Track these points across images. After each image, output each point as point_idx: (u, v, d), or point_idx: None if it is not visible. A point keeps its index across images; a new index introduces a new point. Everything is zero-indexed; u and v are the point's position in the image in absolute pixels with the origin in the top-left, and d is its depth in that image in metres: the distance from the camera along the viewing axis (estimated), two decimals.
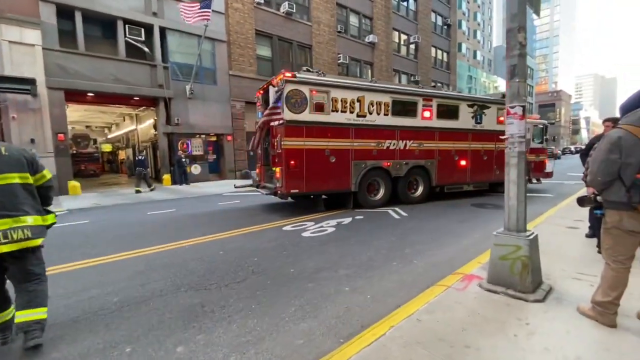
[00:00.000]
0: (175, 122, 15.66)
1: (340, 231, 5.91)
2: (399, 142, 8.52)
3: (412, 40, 28.77)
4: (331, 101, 7.48)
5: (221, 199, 10.81)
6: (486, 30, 58.62)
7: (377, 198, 8.50)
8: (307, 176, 7.30)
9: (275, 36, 19.14)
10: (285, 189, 7.16)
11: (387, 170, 8.42)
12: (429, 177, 9.16)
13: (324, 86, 7.40)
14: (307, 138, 7.27)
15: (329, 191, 7.90)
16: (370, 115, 8.05)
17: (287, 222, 6.72)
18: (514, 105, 2.99)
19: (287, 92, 6.93)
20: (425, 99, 8.83)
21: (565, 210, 7.25)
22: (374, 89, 8.11)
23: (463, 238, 5.45)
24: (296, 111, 7.09)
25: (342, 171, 7.75)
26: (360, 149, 7.98)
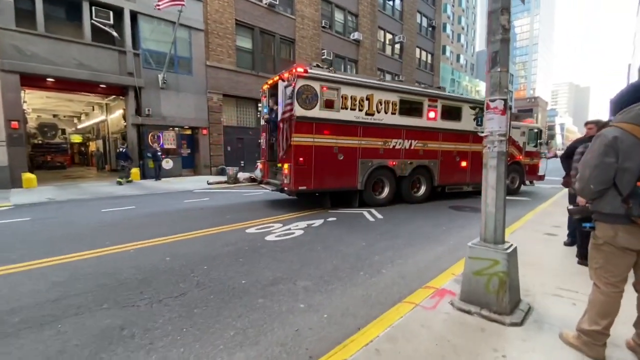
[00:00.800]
0: (146, 113, 14.75)
1: (308, 235, 5.44)
2: (405, 141, 8.53)
3: (397, 40, 28.62)
4: (341, 98, 7.40)
5: (190, 196, 10.13)
6: (470, 34, 59.54)
7: (382, 197, 8.47)
8: (315, 173, 7.21)
9: (257, 28, 18.43)
10: (294, 186, 7.03)
11: (393, 169, 8.41)
12: (432, 177, 9.24)
13: (334, 83, 7.31)
14: (316, 135, 7.18)
15: (335, 189, 7.78)
16: (378, 114, 8.00)
17: (252, 223, 6.19)
18: (494, 98, 2.60)
19: (298, 87, 6.79)
20: (431, 100, 8.85)
21: (542, 215, 7.07)
22: (383, 88, 8.06)
23: (437, 244, 5.10)
24: (307, 107, 6.98)
25: (349, 169, 7.69)
26: (368, 148, 7.93)
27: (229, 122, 18.02)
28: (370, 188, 8.18)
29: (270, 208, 7.92)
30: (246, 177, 14.52)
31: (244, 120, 18.69)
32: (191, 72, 16.07)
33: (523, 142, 11.54)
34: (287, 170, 7.16)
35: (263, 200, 9.32)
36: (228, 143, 17.84)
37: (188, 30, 15.82)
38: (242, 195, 10.37)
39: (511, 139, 11.18)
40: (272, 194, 10.54)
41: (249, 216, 6.83)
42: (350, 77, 8.02)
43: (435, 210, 8.09)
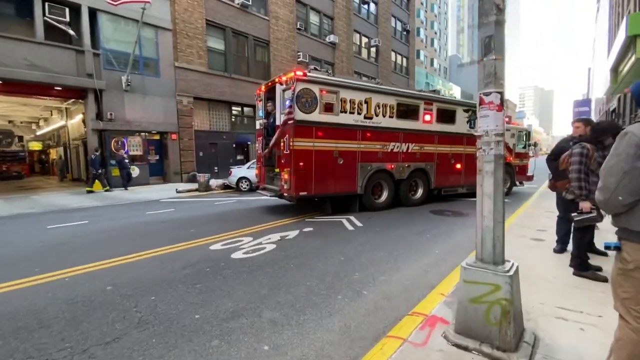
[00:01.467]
0: (108, 117, 13.69)
1: (281, 249, 4.89)
2: (402, 144, 8.55)
3: (372, 43, 28.69)
4: (340, 102, 7.33)
5: (155, 206, 9.31)
6: (442, 39, 61.14)
7: (381, 201, 8.45)
8: (316, 178, 7.12)
9: (229, 28, 17.74)
10: (294, 191, 6.88)
11: (391, 172, 8.41)
12: (429, 180, 9.31)
13: (333, 86, 7.24)
14: (316, 139, 7.08)
15: (336, 194, 7.66)
16: (377, 117, 7.97)
17: (219, 238, 5.57)
18: (489, 91, 2.19)
19: (298, 91, 6.67)
20: (427, 103, 8.91)
21: (525, 218, 6.87)
22: (381, 91, 8.06)
23: (422, 255, 4.69)
24: (306, 111, 6.87)
25: (349, 173, 7.64)
26: (367, 151, 7.90)
27: (201, 127, 17.16)
28: (369, 192, 8.11)
29: (241, 219, 7.30)
30: (219, 184, 13.75)
31: (216, 124, 17.88)
32: (158, 73, 15.15)
33: (513, 143, 11.80)
34: (286, 175, 6.97)
35: (235, 209, 8.67)
36: (200, 148, 16.97)
37: (154, 30, 14.92)
38: (212, 204, 9.65)
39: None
40: (245, 202, 9.90)
41: (217, 229, 6.19)
42: (349, 80, 7.92)
43: (416, 215, 7.75)
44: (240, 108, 18.93)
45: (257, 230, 6.14)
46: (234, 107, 18.60)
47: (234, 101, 18.11)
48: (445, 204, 9.44)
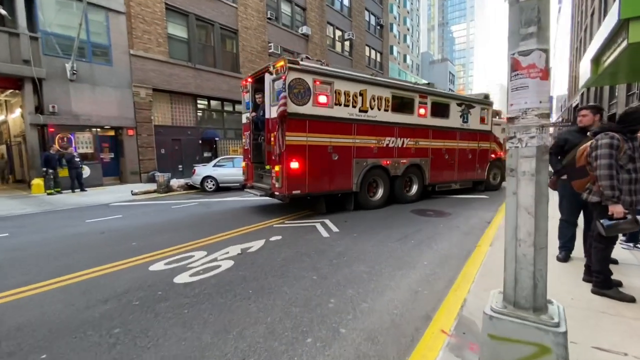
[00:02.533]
0: (51, 110, 12.02)
1: (239, 268, 3.99)
2: (398, 139, 8.22)
3: (346, 36, 28.02)
4: (334, 93, 6.89)
5: (100, 212, 8.05)
6: (415, 36, 61.69)
7: (377, 198, 8.10)
8: (310, 175, 6.69)
9: (193, 14, 16.33)
10: (287, 190, 6.41)
11: (387, 169, 8.07)
12: (423, 176, 9.01)
13: (327, 76, 6.78)
14: (310, 133, 6.62)
15: (330, 192, 7.18)
16: (372, 111, 7.59)
17: (164, 253, 4.57)
18: (528, 49, 1.43)
19: (290, 80, 6.17)
20: (421, 96, 8.62)
21: None
22: (376, 83, 7.68)
23: (408, 268, 3.97)
24: (299, 103, 6.38)
25: (344, 170, 7.24)
26: (362, 146, 7.51)
27: (163, 121, 15.71)
28: (365, 189, 7.74)
29: (199, 226, 6.30)
30: (181, 184, 12.50)
31: (180, 118, 16.45)
32: (110, 62, 13.56)
33: (504, 138, 11.78)
34: (278, 173, 6.45)
35: (194, 214, 7.62)
36: (162, 145, 15.53)
37: (104, 13, 13.32)
38: (169, 208, 8.52)
39: (493, 135, 11.06)
40: (208, 205, 8.84)
41: (165, 241, 5.17)
42: (343, 70, 7.40)
43: (396, 216, 7.08)
44: (207, 101, 17.60)
45: (214, 241, 5.18)
46: (200, 100, 17.23)
47: (199, 94, 16.75)
48: (427, 201, 8.88)
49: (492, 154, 11.14)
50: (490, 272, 3.54)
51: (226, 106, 18.39)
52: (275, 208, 7.99)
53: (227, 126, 18.42)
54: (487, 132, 10.80)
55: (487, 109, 10.70)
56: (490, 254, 4.19)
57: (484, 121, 10.63)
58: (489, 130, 10.88)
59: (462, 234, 5.61)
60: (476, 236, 5.44)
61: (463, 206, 8.27)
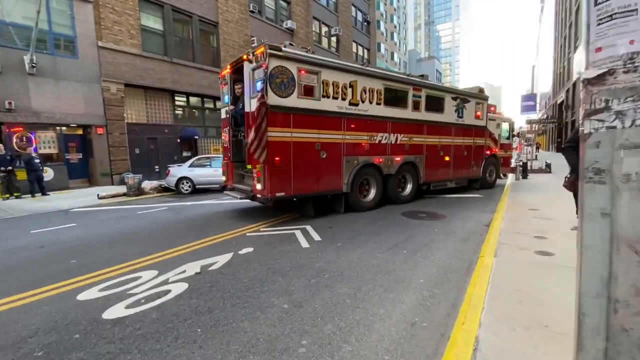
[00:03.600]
0: (6, 107, 10.90)
1: (192, 294, 3.21)
2: (391, 135, 7.65)
3: (333, 32, 27.34)
4: (322, 84, 6.23)
5: (53, 220, 7.11)
6: (402, 33, 61.44)
7: (369, 199, 7.48)
8: (295, 175, 6.02)
9: (168, 5, 15.31)
10: (269, 192, 5.72)
11: (379, 167, 7.47)
12: (418, 175, 8.47)
13: (314, 65, 6.11)
14: (294, 128, 5.97)
15: (318, 193, 6.50)
16: (363, 104, 6.97)
17: (104, 275, 3.75)
18: None
19: (271, 69, 5.47)
20: (415, 89, 8.04)
21: (513, 220, 5.76)
22: (367, 73, 7.02)
23: (401, 289, 3.27)
24: (282, 94, 5.71)
25: (333, 168, 6.61)
26: (353, 143, 6.91)
27: (137, 119, 14.67)
28: (357, 190, 7.13)
29: (159, 237, 5.47)
30: (154, 186, 11.55)
31: (156, 116, 15.42)
32: (76, 54, 12.47)
33: (498, 134, 11.42)
34: (259, 173, 5.79)
35: (159, 222, 6.77)
36: (136, 144, 14.50)
37: (68, 1, 12.20)
38: (133, 214, 7.62)
39: (488, 131, 10.57)
40: (178, 210, 7.99)
41: (112, 257, 4.34)
42: (330, 59, 6.76)
43: (386, 220, 6.40)
44: (186, 98, 16.61)
45: (172, 255, 4.38)
46: (178, 97, 16.23)
47: (177, 89, 15.76)
48: (419, 202, 8.24)
49: (488, 150, 10.65)
50: (502, 294, 2.88)
51: (207, 103, 17.45)
52: (253, 212, 7.22)
53: (208, 124, 17.48)
54: (482, 127, 10.29)
55: (482, 104, 10.18)
56: (497, 267, 3.54)
57: (479, 116, 10.12)
58: (484, 126, 10.37)
59: (460, 240, 4.96)
60: (475, 243, 4.80)
61: (457, 207, 7.66)
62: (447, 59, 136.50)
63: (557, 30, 39.10)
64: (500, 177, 11.67)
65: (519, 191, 9.49)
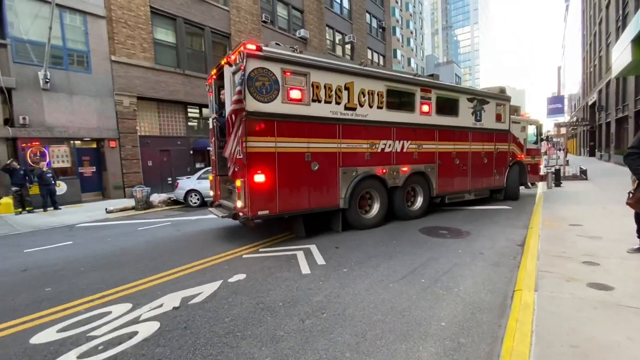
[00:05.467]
0: (21, 122, 11.04)
1: (159, 339, 2.67)
2: (396, 142, 6.88)
3: (347, 39, 27.00)
4: (312, 87, 5.57)
5: (52, 237, 6.86)
6: (418, 39, 60.56)
7: (371, 215, 6.65)
8: (282, 191, 5.34)
9: (181, 18, 15.40)
10: (251, 210, 5.06)
11: (383, 178, 6.68)
12: (429, 186, 7.56)
13: (301, 65, 5.44)
14: (279, 137, 5.31)
15: (310, 210, 5.74)
16: (361, 108, 6.24)
17: (73, 308, 3.28)
18: None
19: (249, 71, 4.90)
20: (423, 89, 7.21)
21: (552, 239, 4.92)
22: (366, 74, 6.27)
23: (418, 336, 2.59)
24: (263, 99, 5.09)
25: (328, 182, 5.89)
26: (350, 152, 6.18)
27: (149, 131, 14.66)
28: (356, 205, 6.34)
29: (151, 259, 5.01)
30: (162, 199, 11.31)
31: (169, 128, 15.39)
32: (89, 69, 12.59)
33: (524, 138, 10.16)
34: (240, 188, 5.23)
35: (156, 240, 6.35)
36: (148, 157, 14.46)
37: (82, 16, 12.40)
38: (135, 230, 7.28)
39: (512, 135, 9.56)
40: (182, 225, 7.58)
41: (90, 285, 3.89)
42: (323, 58, 5.90)
43: (401, 237, 5.70)
44: (198, 109, 16.57)
45: (155, 283, 3.87)
46: (190, 108, 16.20)
47: (189, 101, 15.73)
48: (437, 216, 7.47)
49: (512, 156, 9.62)
50: (553, 352, 2.16)
51: None
52: (255, 228, 6.68)
53: None
54: (504, 131, 9.33)
55: (503, 105, 9.21)
56: (541, 308, 2.79)
57: (501, 119, 9.16)
58: (507, 129, 9.38)
59: (490, 265, 4.20)
60: (509, 269, 4.03)
61: (483, 221, 6.84)
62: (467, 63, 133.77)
63: (585, 28, 37.11)
64: (528, 186, 10.55)
65: (554, 202, 8.50)
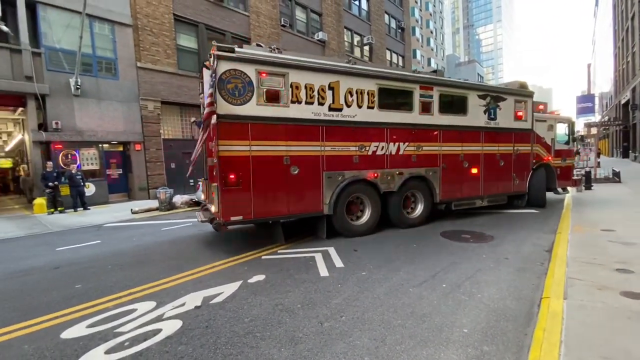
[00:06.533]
0: (54, 127, 11.65)
1: (182, 337, 2.73)
2: (390, 144, 6.48)
3: (365, 41, 26.91)
4: (290, 88, 5.40)
5: (82, 236, 7.18)
6: (439, 38, 59.53)
7: (362, 222, 6.29)
8: (257, 196, 5.19)
9: (202, 24, 15.84)
10: (223, 216, 4.95)
11: (374, 183, 6.31)
12: (431, 192, 7.05)
13: (278, 66, 5.29)
14: (255, 140, 5.17)
15: (289, 216, 5.61)
16: (349, 109, 5.95)
17: (101, 305, 3.42)
18: None
19: (221, 73, 4.84)
20: (423, 87, 6.73)
21: (580, 246, 4.69)
22: (353, 72, 5.98)
23: (438, 342, 2.53)
24: (236, 101, 5.00)
25: (309, 187, 5.66)
26: (336, 155, 5.90)
27: (173, 134, 15.13)
28: (343, 211, 5.99)
29: (174, 258, 5.16)
30: (185, 200, 11.62)
31: (192, 131, 15.80)
32: (117, 75, 13.14)
33: (551, 138, 9.18)
34: (214, 193, 5.20)
35: (178, 239, 6.53)
36: (171, 159, 14.90)
37: (110, 25, 12.97)
38: (159, 230, 7.51)
39: (535, 135, 8.72)
40: (203, 226, 7.75)
41: (117, 282, 4.05)
42: (303, 57, 5.73)
43: (423, 241, 5.59)
44: None
45: (178, 282, 3.98)
46: None
47: None
48: (458, 220, 7.28)
49: (536, 158, 8.79)
50: None
51: None
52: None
53: None
54: (526, 130, 8.52)
55: (524, 102, 8.40)
56: (570, 317, 2.66)
57: (521, 117, 8.37)
58: (529, 129, 8.57)
59: (515, 270, 4.05)
60: (535, 275, 3.87)
61: (508, 225, 6.61)
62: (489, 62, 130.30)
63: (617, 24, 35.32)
64: (558, 192, 9.46)
65: (585, 205, 8.12)
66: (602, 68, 52.03)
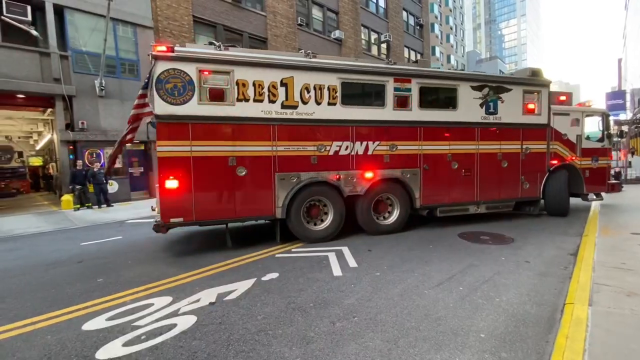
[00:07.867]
0: (80, 126, 12.14)
1: (195, 332, 2.78)
2: (357, 144, 5.94)
3: (383, 38, 26.59)
4: (236, 85, 5.13)
5: (105, 231, 7.46)
6: (459, 35, 58.13)
7: (323, 227, 5.86)
8: (198, 197, 4.99)
9: (220, 25, 16.11)
10: (162, 217, 4.91)
11: (337, 186, 5.81)
12: (410, 196, 6.35)
13: (222, 63, 5.06)
14: (196, 141, 4.94)
15: (236, 219, 5.38)
16: (305, 106, 5.57)
17: (121, 298, 3.53)
18: None
19: (159, 73, 4.72)
20: (398, 80, 6.09)
21: (608, 250, 4.45)
22: (310, 67, 5.58)
23: (453, 348, 2.46)
24: (175, 101, 4.82)
25: (259, 188, 5.38)
26: (290, 156, 5.53)
27: None
28: (299, 215, 5.62)
29: (190, 253, 5.27)
30: None
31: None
32: (139, 76, 13.53)
33: (577, 134, 7.79)
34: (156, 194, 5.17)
35: (196, 235, 6.66)
36: None
37: (133, 28, 13.39)
38: None
39: (554, 131, 7.50)
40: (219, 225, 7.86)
41: (136, 277, 4.17)
42: (250, 53, 5.50)
43: (439, 242, 5.47)
44: None
45: (193, 278, 4.05)
46: None
47: None
48: (476, 221, 7.07)
49: (555, 159, 7.54)
50: None
51: None
52: None
53: None
54: (539, 126, 7.31)
55: (537, 92, 7.23)
56: (596, 324, 2.52)
57: (533, 110, 7.20)
58: (545, 124, 7.34)
59: (536, 275, 3.89)
60: (558, 280, 3.71)
61: (530, 227, 6.38)
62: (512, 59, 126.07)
63: None
64: (586, 198, 8.00)
65: (613, 208, 7.72)
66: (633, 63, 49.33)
